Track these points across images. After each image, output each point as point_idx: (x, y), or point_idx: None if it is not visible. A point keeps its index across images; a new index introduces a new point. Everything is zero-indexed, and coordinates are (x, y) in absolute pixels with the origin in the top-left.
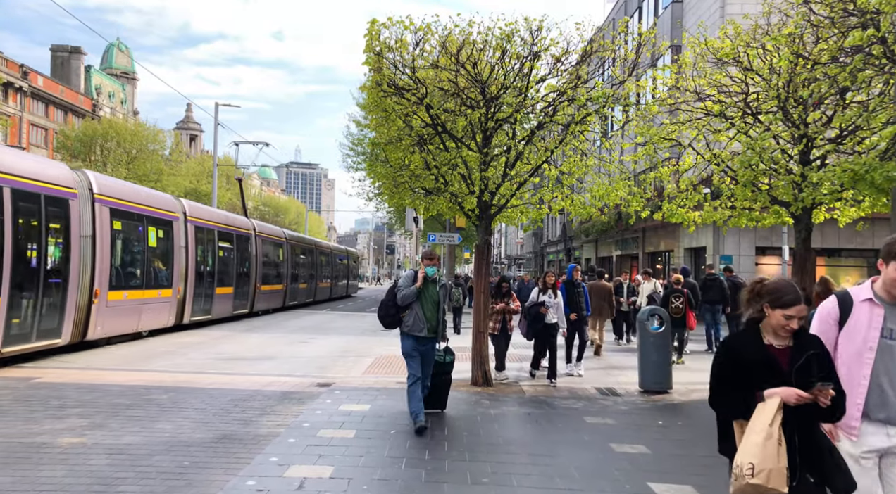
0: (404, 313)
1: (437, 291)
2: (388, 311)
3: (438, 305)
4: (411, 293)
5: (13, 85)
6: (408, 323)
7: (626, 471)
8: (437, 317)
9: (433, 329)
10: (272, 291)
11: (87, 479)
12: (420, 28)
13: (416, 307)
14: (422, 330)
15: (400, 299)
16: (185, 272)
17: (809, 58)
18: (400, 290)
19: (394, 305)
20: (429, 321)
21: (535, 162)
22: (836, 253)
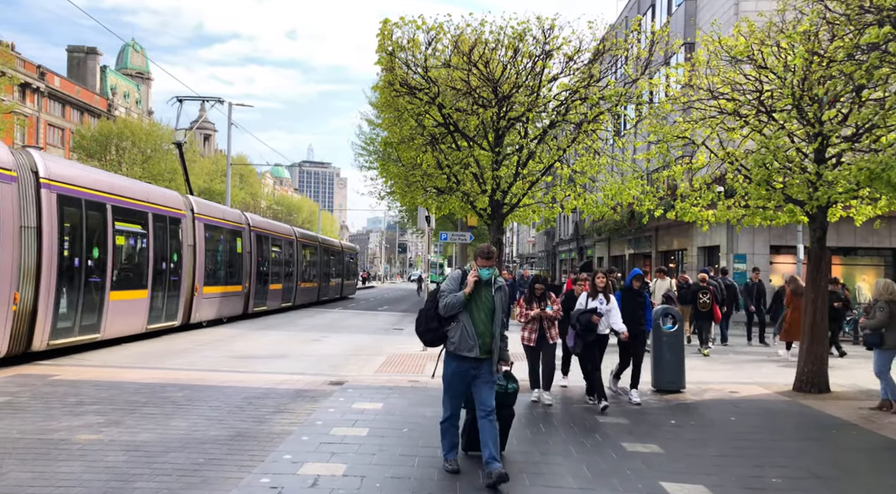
0: (449, 326)
1: (493, 297)
2: (428, 324)
3: (494, 316)
4: (457, 301)
5: (31, 85)
6: (453, 340)
7: (639, 471)
8: (493, 331)
9: (487, 347)
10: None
11: (105, 475)
12: (432, 27)
13: (464, 318)
14: (471, 348)
15: (443, 308)
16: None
17: (825, 55)
18: (443, 296)
19: (436, 316)
20: (481, 336)
21: (547, 161)
22: (852, 251)
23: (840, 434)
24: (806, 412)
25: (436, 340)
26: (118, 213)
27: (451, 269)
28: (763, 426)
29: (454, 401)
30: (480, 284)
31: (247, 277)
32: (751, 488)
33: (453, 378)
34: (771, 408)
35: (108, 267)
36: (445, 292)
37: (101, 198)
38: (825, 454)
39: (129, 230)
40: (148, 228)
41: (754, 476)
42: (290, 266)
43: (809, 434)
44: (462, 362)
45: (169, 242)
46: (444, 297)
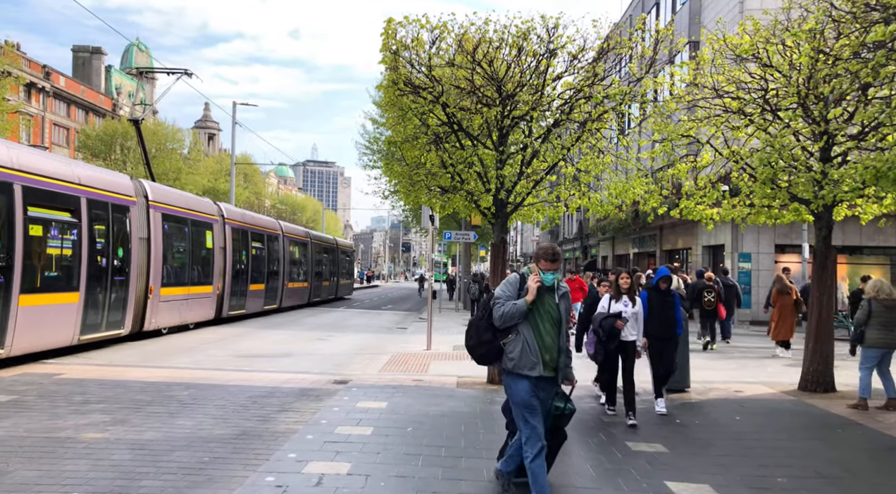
0: (507, 339)
1: (557, 305)
2: (480, 336)
3: (560, 327)
4: (518, 310)
5: (36, 85)
6: (512, 356)
7: (644, 470)
8: (559, 345)
9: (553, 364)
10: None
11: (111, 473)
12: (436, 26)
13: (525, 330)
14: (534, 366)
15: (499, 318)
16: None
17: (830, 53)
18: (499, 304)
19: (489, 328)
20: (546, 351)
21: (551, 160)
22: (858, 250)
23: (846, 433)
24: (811, 411)
25: (489, 356)
26: (33, 197)
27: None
28: (768, 425)
29: (535, 421)
30: (543, 290)
31: (220, 277)
32: (756, 487)
33: (528, 396)
34: (776, 408)
35: (17, 266)
36: (501, 299)
37: (5, 177)
38: (831, 453)
39: (51, 218)
40: (80, 217)
41: (759, 476)
42: (275, 264)
43: (815, 434)
44: (525, 381)
45: (112, 235)
46: (501, 305)
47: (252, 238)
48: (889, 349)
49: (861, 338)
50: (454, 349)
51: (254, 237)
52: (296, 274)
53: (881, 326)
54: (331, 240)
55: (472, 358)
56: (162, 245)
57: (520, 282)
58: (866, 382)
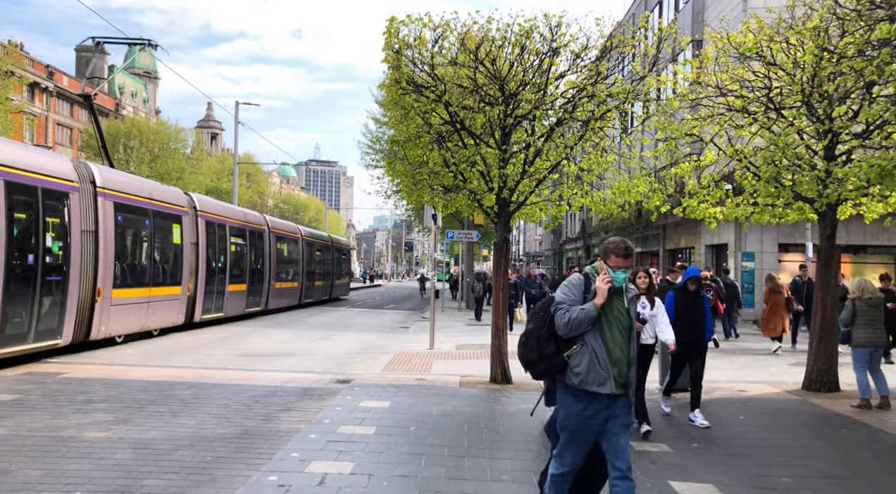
0: (572, 350)
1: (627, 310)
2: (542, 349)
3: (629, 336)
4: (586, 316)
5: (39, 85)
6: (578, 370)
7: (648, 470)
8: (630, 357)
9: (623, 379)
10: None
11: (113, 473)
12: (439, 25)
13: (593, 339)
14: (603, 381)
15: (564, 327)
16: None
17: (835, 51)
18: (562, 310)
19: (551, 337)
20: (615, 364)
21: (554, 158)
22: (862, 249)
23: (850, 433)
24: (815, 411)
25: (552, 371)
26: None
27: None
28: (772, 425)
29: (577, 453)
30: (611, 293)
31: (191, 276)
32: (760, 487)
33: (581, 424)
34: (780, 407)
35: None
36: (565, 304)
37: None
38: (835, 453)
39: None
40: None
41: (763, 476)
42: (259, 262)
43: (819, 434)
44: (592, 401)
45: (42, 226)
46: (565, 311)
47: (232, 233)
48: (876, 347)
49: (848, 339)
50: (457, 348)
51: (234, 232)
52: (284, 274)
53: (866, 325)
54: (325, 236)
55: (531, 374)
56: (114, 239)
57: (584, 284)
58: (864, 383)
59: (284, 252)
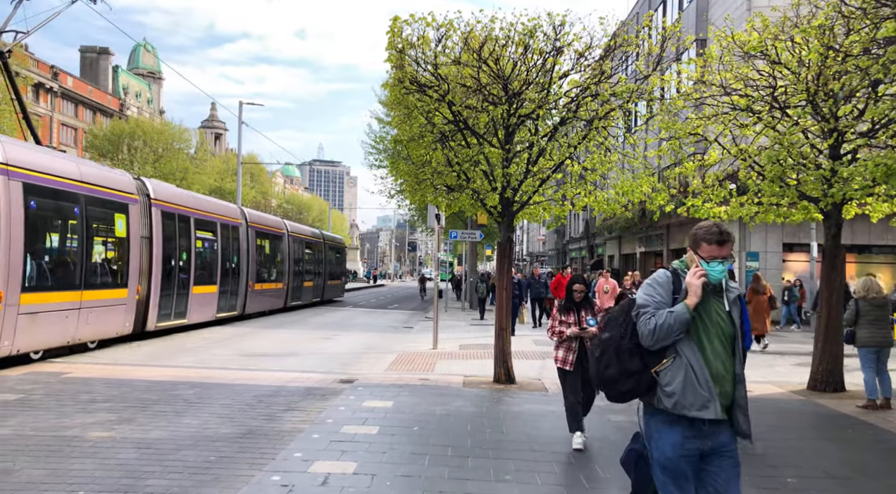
0: (662, 365)
1: (727, 314)
2: (624, 364)
3: (734, 346)
4: (678, 321)
5: (44, 85)
6: (670, 390)
7: None
8: (736, 372)
9: (728, 399)
10: None
11: (117, 472)
12: (442, 24)
13: (687, 350)
14: (705, 404)
15: (650, 336)
16: None
17: (840, 50)
18: (646, 315)
19: (634, 349)
20: (717, 381)
21: (557, 158)
22: (867, 249)
23: (855, 433)
24: (821, 411)
25: (636, 392)
26: None
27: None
28: (777, 425)
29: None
30: (708, 291)
31: (142, 276)
32: (765, 488)
33: (677, 459)
34: (785, 407)
35: None
36: (649, 307)
37: None
38: (840, 453)
39: None
40: None
41: (768, 476)
42: (232, 260)
43: (824, 434)
44: (688, 429)
45: None
46: (650, 315)
47: (199, 226)
48: (880, 347)
49: (852, 338)
50: (461, 348)
51: (201, 225)
52: (266, 274)
53: (870, 325)
54: (315, 232)
55: (608, 396)
56: (24, 231)
57: (672, 281)
58: (871, 383)
59: (266, 249)
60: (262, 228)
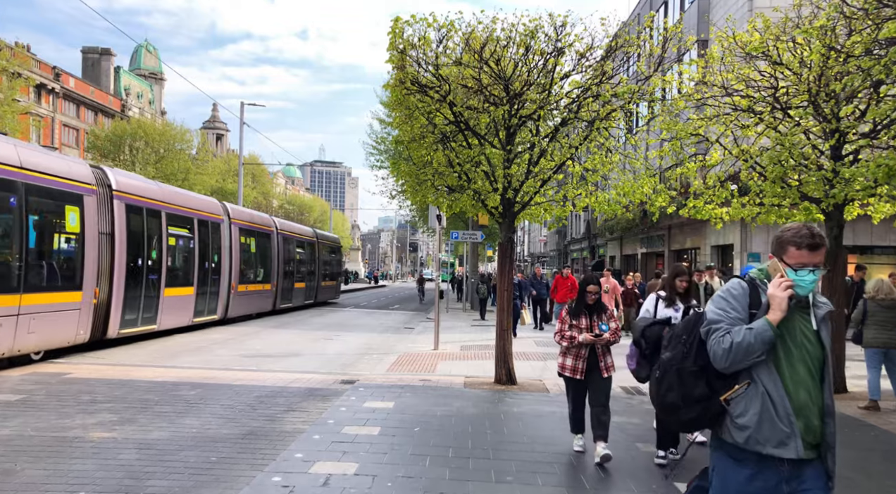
0: (734, 392)
1: (814, 333)
2: (688, 390)
3: (823, 371)
4: (759, 340)
5: (46, 86)
6: (744, 422)
7: (653, 471)
8: (825, 403)
9: (815, 435)
10: None
11: (118, 473)
12: (443, 25)
13: (765, 375)
14: (784, 440)
15: (724, 357)
16: None
17: (842, 50)
18: (719, 331)
19: (700, 372)
20: (800, 414)
21: (558, 159)
22: (869, 250)
23: (858, 434)
24: None
25: (701, 421)
26: None
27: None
28: None
29: None
30: (792, 304)
31: (101, 277)
32: None
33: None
34: None
35: None
36: (722, 322)
37: None
38: (843, 454)
39: None
40: None
41: None
42: (212, 260)
43: None
44: (763, 468)
45: None
46: (723, 333)
47: (172, 222)
48: (887, 348)
49: (859, 338)
50: (462, 349)
51: (175, 221)
52: (252, 274)
53: (878, 325)
54: (307, 231)
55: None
56: None
57: (749, 293)
58: (875, 383)
59: (252, 248)
60: (248, 225)
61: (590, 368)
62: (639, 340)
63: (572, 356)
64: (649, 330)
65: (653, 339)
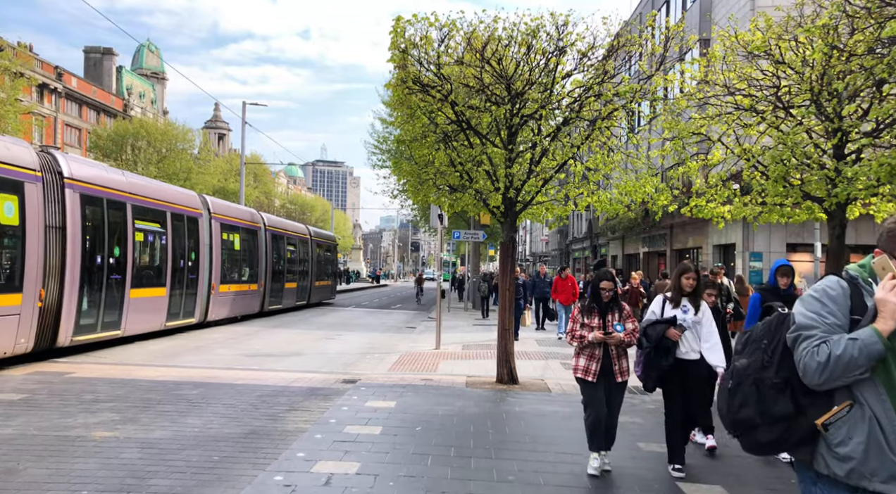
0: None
1: None
2: (768, 406)
3: None
4: (863, 352)
5: (48, 86)
6: (845, 451)
7: (656, 471)
8: None
9: None
10: None
11: (120, 472)
12: (445, 24)
13: (871, 395)
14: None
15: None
16: None
17: (845, 49)
18: (812, 340)
19: (784, 386)
20: None
21: (560, 158)
22: (871, 249)
23: None
24: None
25: (784, 444)
26: None
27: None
28: None
29: None
30: None
31: (49, 278)
32: (769, 489)
33: None
34: None
35: None
36: (817, 329)
37: None
38: None
39: None
40: None
41: (774, 477)
42: (187, 257)
43: None
44: None
45: None
46: (818, 341)
47: (138, 216)
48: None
49: None
50: (463, 348)
51: (142, 215)
52: (237, 274)
53: None
54: (299, 227)
55: (745, 445)
56: None
57: (850, 294)
58: None
59: (235, 245)
60: (231, 220)
61: (604, 371)
62: (641, 339)
63: (585, 356)
64: (651, 328)
65: (655, 338)
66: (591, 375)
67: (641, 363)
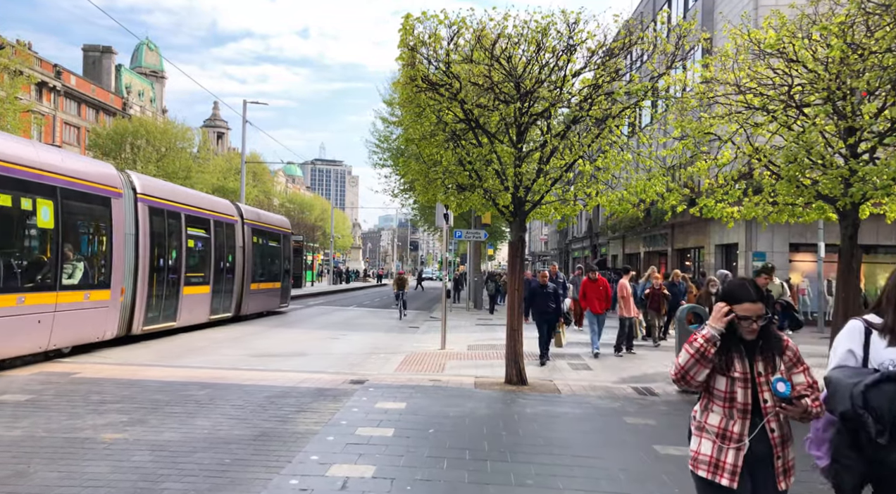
0: None
1: None
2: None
3: None
4: None
5: (47, 84)
6: None
7: (674, 475)
8: None
9: None
10: None
11: (132, 475)
12: (454, 22)
13: None
14: None
15: None
16: None
17: (861, 47)
18: None
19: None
20: None
21: (569, 157)
22: (874, 249)
23: None
24: None
25: None
26: None
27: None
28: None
29: None
30: None
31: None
32: None
33: None
34: None
35: None
36: None
37: None
38: None
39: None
40: None
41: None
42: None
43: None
44: None
45: None
46: None
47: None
48: None
49: None
50: (469, 348)
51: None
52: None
53: None
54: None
55: None
56: None
57: None
58: None
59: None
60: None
61: (754, 465)
62: (859, 411)
63: (713, 435)
64: (877, 391)
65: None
66: (727, 474)
67: (827, 444)
